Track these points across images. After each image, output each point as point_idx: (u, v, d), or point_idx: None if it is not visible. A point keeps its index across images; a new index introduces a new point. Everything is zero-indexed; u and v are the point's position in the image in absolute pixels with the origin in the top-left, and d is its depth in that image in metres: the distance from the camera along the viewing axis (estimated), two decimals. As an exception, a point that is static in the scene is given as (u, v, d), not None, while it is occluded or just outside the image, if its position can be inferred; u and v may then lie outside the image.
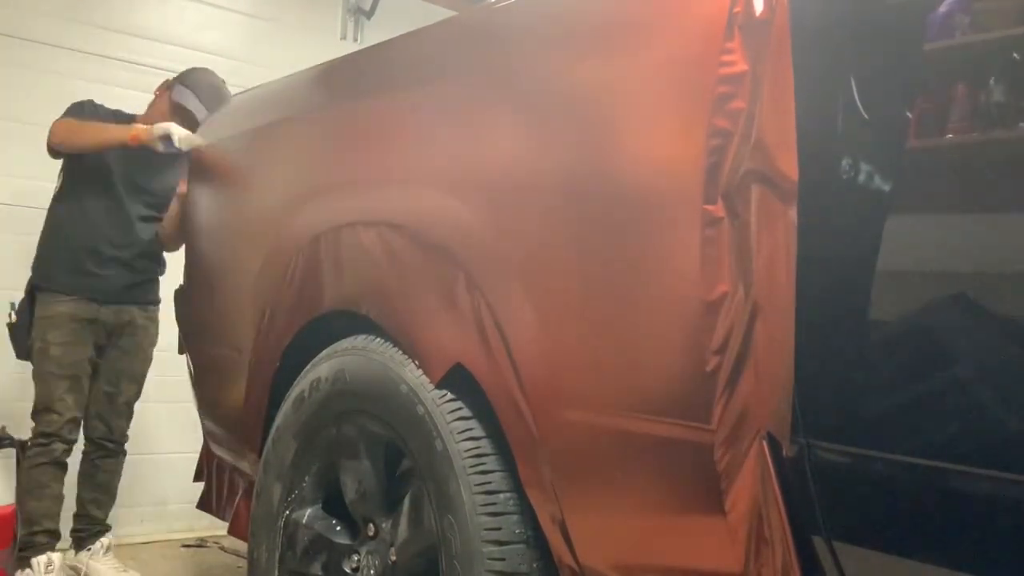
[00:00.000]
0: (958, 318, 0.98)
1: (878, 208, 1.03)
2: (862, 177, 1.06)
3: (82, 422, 2.92)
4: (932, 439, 0.98)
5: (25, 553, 2.78)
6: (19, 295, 3.03)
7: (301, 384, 1.71)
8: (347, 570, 1.62)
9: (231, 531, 2.23)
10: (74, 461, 2.96)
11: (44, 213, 3.36)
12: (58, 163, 3.01)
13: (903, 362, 1.01)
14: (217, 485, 2.39)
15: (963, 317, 0.98)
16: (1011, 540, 0.93)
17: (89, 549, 2.97)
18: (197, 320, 2.36)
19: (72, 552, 2.99)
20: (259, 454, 1.84)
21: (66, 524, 2.98)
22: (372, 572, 1.57)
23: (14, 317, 2.91)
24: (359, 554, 1.61)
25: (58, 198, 2.95)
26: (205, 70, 3.04)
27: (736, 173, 1.09)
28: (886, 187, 1.04)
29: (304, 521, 1.70)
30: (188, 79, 2.97)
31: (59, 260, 2.86)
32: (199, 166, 2.39)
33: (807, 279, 1.04)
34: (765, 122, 1.07)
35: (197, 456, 2.56)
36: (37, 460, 2.80)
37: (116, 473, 3.02)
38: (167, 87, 2.99)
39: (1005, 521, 0.94)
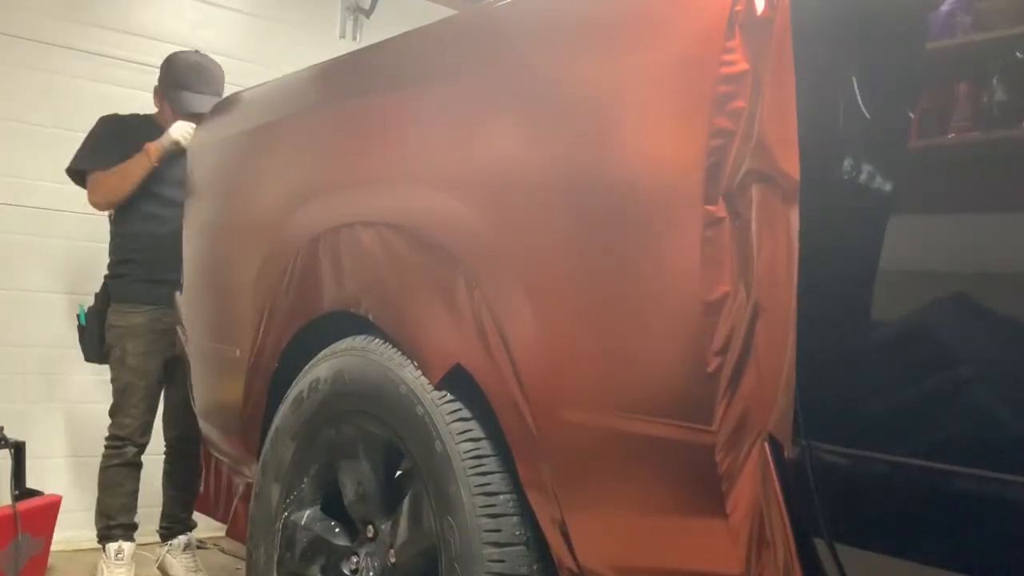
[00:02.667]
0: (959, 319, 0.98)
1: (880, 208, 1.03)
2: (864, 177, 1.05)
3: (154, 426, 3.04)
4: (934, 440, 0.98)
5: (101, 543, 2.96)
6: (23, 294, 3.06)
7: (300, 385, 1.71)
8: (346, 571, 1.61)
9: (230, 533, 2.23)
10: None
11: (44, 212, 3.37)
12: (60, 163, 3.00)
13: (905, 363, 1.01)
14: (216, 487, 2.39)
15: (964, 318, 0.97)
16: (1011, 541, 0.92)
17: (170, 544, 3.09)
18: (195, 321, 2.36)
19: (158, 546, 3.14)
20: (257, 455, 1.84)
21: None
22: (371, 573, 1.57)
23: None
24: (358, 555, 1.60)
25: (118, 216, 3.03)
26: (185, 57, 3.06)
27: (737, 173, 1.08)
28: (888, 187, 1.04)
29: (303, 522, 1.70)
30: (178, 78, 3.00)
31: (134, 273, 2.97)
32: (198, 166, 2.38)
33: (808, 279, 1.04)
34: (766, 122, 1.07)
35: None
36: (111, 461, 2.94)
37: (194, 472, 3.10)
38: (158, 93, 3.05)
39: (1006, 522, 0.93)
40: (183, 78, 3.00)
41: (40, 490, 3.07)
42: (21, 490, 3.00)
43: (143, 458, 2.98)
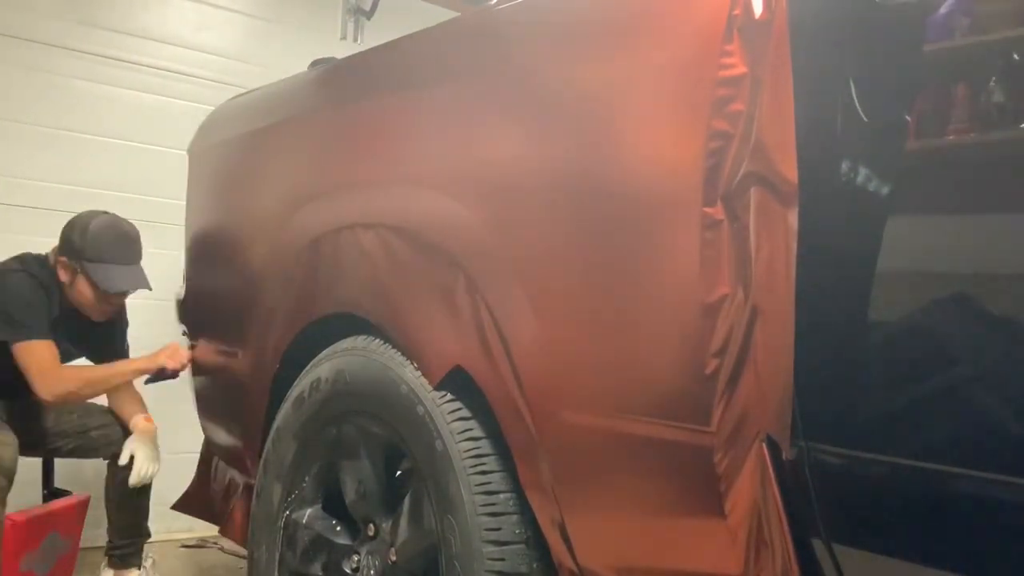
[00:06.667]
0: (958, 320, 0.98)
1: (878, 210, 1.03)
2: (861, 179, 1.06)
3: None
4: (931, 442, 0.98)
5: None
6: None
7: (301, 384, 1.72)
8: (347, 570, 1.62)
9: (222, 532, 2.23)
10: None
11: (43, 213, 3.35)
12: (60, 163, 2.99)
13: (902, 364, 1.01)
14: (216, 487, 2.39)
15: (963, 319, 0.98)
16: (1010, 542, 0.93)
17: None
18: (197, 322, 2.36)
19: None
20: (259, 455, 1.84)
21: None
22: (372, 572, 1.57)
23: None
24: (359, 554, 1.61)
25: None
26: (99, 221, 2.65)
27: (735, 175, 1.09)
28: (885, 189, 1.04)
29: (304, 521, 1.70)
30: (98, 249, 2.59)
31: None
32: (200, 169, 2.39)
33: (807, 281, 1.05)
34: (764, 124, 1.07)
35: (196, 456, 2.56)
36: None
37: None
38: (69, 267, 2.61)
39: (1004, 523, 0.94)
40: (103, 248, 2.58)
41: (68, 490, 2.98)
42: (50, 489, 2.95)
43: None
